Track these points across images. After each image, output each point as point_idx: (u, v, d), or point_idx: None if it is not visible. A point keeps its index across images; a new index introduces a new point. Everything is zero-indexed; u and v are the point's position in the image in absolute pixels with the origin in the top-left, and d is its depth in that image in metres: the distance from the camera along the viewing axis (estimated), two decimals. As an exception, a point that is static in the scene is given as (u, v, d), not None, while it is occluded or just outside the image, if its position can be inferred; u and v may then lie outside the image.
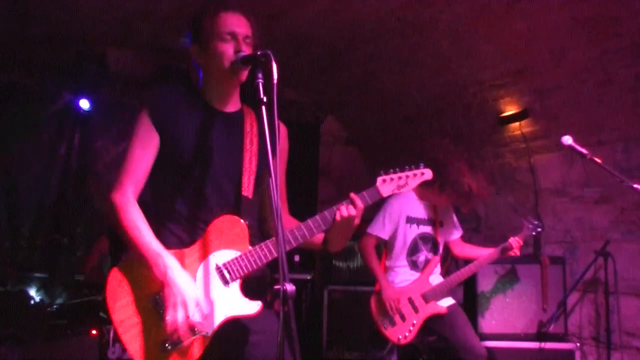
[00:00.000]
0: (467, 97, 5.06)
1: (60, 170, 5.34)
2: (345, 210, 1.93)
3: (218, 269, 1.91)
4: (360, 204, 1.95)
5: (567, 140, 2.97)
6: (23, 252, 5.10)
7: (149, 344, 1.81)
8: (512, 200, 5.13)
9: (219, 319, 1.88)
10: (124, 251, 1.95)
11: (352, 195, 1.97)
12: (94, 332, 4.01)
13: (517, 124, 4.79)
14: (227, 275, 1.90)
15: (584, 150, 2.93)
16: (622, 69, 3.89)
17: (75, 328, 4.17)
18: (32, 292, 4.78)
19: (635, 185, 2.78)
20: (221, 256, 1.92)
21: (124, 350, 1.85)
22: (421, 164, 2.06)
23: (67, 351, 3.90)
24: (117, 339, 1.87)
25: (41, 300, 4.76)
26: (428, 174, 2.07)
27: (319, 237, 2.04)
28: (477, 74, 4.75)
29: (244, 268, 1.91)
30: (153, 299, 1.84)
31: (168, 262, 1.82)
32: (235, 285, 1.92)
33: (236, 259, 1.92)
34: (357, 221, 1.97)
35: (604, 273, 4.18)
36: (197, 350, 1.85)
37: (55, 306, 4.55)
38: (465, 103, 5.14)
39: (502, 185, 5.18)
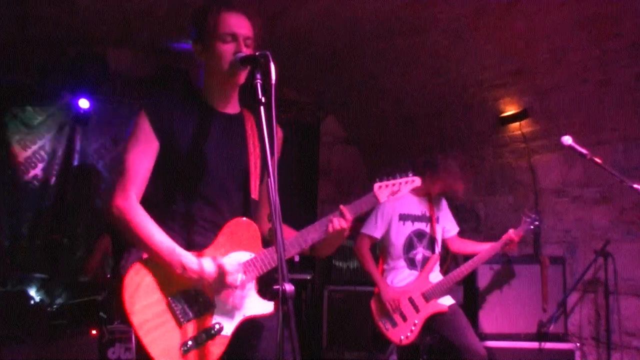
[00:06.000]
0: (467, 97, 5.06)
1: (60, 170, 5.35)
2: (337, 223, 1.99)
3: None
4: (349, 215, 2.02)
5: (567, 140, 2.97)
6: (23, 252, 5.10)
7: (171, 346, 1.82)
8: (512, 200, 5.13)
9: (237, 319, 1.91)
10: (126, 250, 1.94)
11: (342, 207, 2.03)
12: (94, 332, 4.01)
13: (517, 124, 4.79)
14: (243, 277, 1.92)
15: (584, 150, 2.93)
16: (622, 69, 3.90)
17: (75, 328, 4.18)
18: (32, 292, 4.78)
19: (635, 185, 2.78)
20: (236, 258, 1.93)
21: (127, 349, 1.86)
22: (410, 173, 2.20)
23: (67, 351, 3.90)
24: (137, 341, 1.85)
25: (41, 300, 4.76)
26: (417, 181, 2.23)
27: None
28: (477, 74, 4.75)
29: (258, 269, 1.93)
30: (170, 302, 1.85)
31: (183, 259, 1.83)
32: (251, 286, 1.95)
33: (251, 260, 1.94)
34: (346, 233, 2.04)
35: (604, 273, 4.18)
36: (218, 350, 1.87)
37: (55, 306, 4.54)
38: (465, 103, 5.13)
39: (502, 185, 5.18)
